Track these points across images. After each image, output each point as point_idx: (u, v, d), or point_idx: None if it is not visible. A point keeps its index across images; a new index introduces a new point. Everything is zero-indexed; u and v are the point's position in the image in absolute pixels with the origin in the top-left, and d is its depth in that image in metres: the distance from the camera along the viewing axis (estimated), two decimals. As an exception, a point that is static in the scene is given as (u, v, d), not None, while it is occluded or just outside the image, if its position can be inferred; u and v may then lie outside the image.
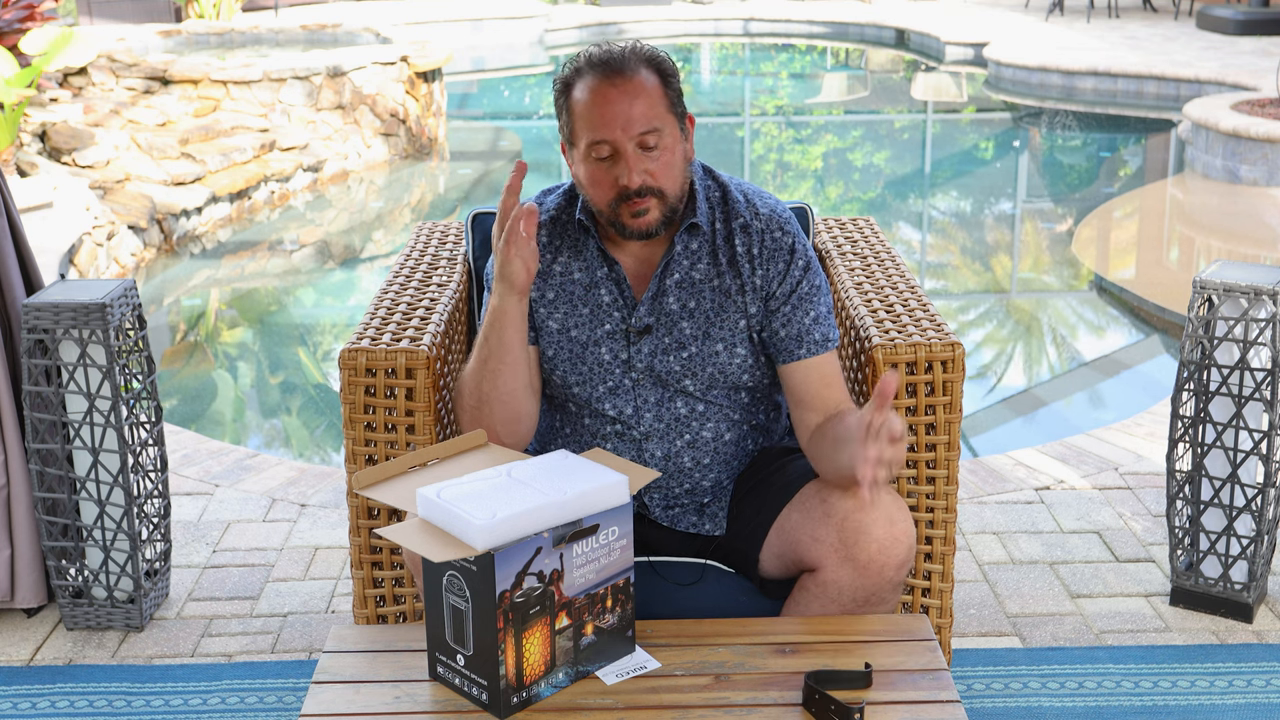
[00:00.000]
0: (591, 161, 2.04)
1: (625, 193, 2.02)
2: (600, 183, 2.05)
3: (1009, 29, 13.40)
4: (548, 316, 2.16)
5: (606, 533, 1.77)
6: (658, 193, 2.04)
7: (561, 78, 2.08)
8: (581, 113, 2.03)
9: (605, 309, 2.14)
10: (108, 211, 6.41)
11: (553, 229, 2.18)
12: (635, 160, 2.01)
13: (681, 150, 2.08)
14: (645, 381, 2.14)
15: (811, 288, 2.14)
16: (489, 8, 14.61)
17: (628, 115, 2.00)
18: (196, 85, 8.48)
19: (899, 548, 1.99)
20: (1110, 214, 7.87)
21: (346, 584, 3.13)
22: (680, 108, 2.08)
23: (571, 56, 2.09)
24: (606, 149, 2.02)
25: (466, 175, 9.12)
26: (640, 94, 2.02)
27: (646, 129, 2.01)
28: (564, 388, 2.18)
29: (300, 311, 6.41)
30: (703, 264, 2.13)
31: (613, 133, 2.01)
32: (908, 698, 1.77)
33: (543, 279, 2.17)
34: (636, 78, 2.02)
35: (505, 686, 1.72)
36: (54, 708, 2.63)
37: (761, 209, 2.16)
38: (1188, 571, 2.93)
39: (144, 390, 2.88)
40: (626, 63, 2.03)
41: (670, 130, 2.04)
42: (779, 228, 2.14)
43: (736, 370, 2.14)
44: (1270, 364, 2.72)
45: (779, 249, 2.13)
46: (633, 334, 2.13)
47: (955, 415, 2.30)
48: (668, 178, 2.04)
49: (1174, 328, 5.51)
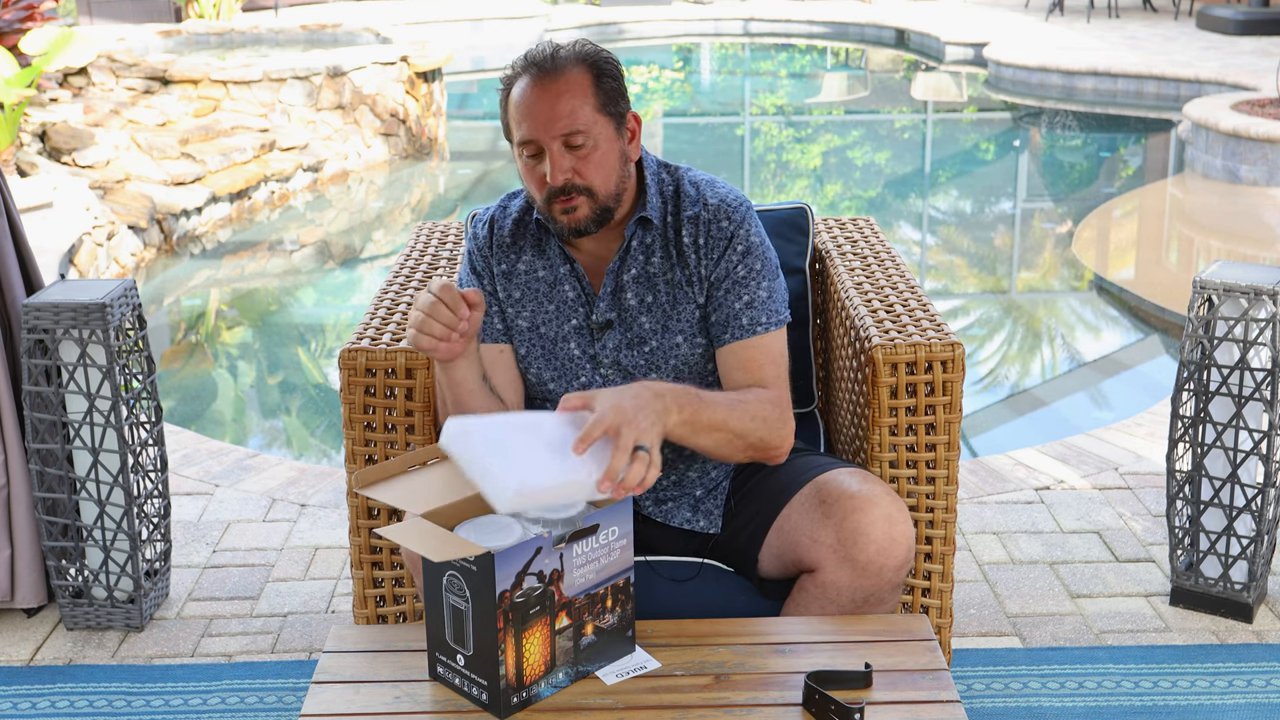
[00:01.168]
0: (523, 159, 2.08)
1: (552, 190, 2.05)
2: (531, 180, 2.09)
3: (1009, 29, 13.40)
4: (516, 315, 2.20)
5: (606, 532, 1.77)
6: (585, 190, 2.05)
7: (505, 76, 2.11)
8: (512, 112, 2.07)
9: (570, 305, 2.17)
10: (108, 211, 6.41)
11: (515, 230, 2.22)
12: (559, 159, 2.04)
13: (617, 149, 2.08)
14: (614, 377, 2.16)
15: (750, 271, 2.13)
16: (489, 8, 14.61)
17: (550, 115, 2.02)
18: (196, 85, 8.48)
19: (898, 548, 1.99)
20: (1110, 214, 7.87)
21: (346, 584, 3.13)
22: (616, 107, 2.09)
23: (516, 59, 2.11)
24: (533, 147, 2.05)
25: (466, 175, 9.12)
26: (566, 94, 2.03)
27: (570, 130, 2.03)
28: (539, 385, 2.20)
29: (300, 311, 6.41)
30: (656, 257, 2.15)
31: (536, 132, 2.04)
32: (908, 698, 1.77)
33: (508, 279, 2.20)
34: (564, 78, 2.04)
35: (505, 686, 1.72)
36: (54, 708, 2.63)
37: (710, 199, 2.16)
38: (1188, 571, 2.93)
39: (144, 390, 2.88)
40: (558, 62, 2.05)
41: (600, 129, 2.05)
42: (725, 216, 2.14)
43: (700, 360, 2.16)
44: (1270, 364, 2.72)
45: (722, 237, 2.14)
46: (595, 329, 2.16)
47: (955, 415, 2.30)
48: (596, 176, 2.06)
49: (1174, 328, 5.51)
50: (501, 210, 2.25)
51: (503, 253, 2.21)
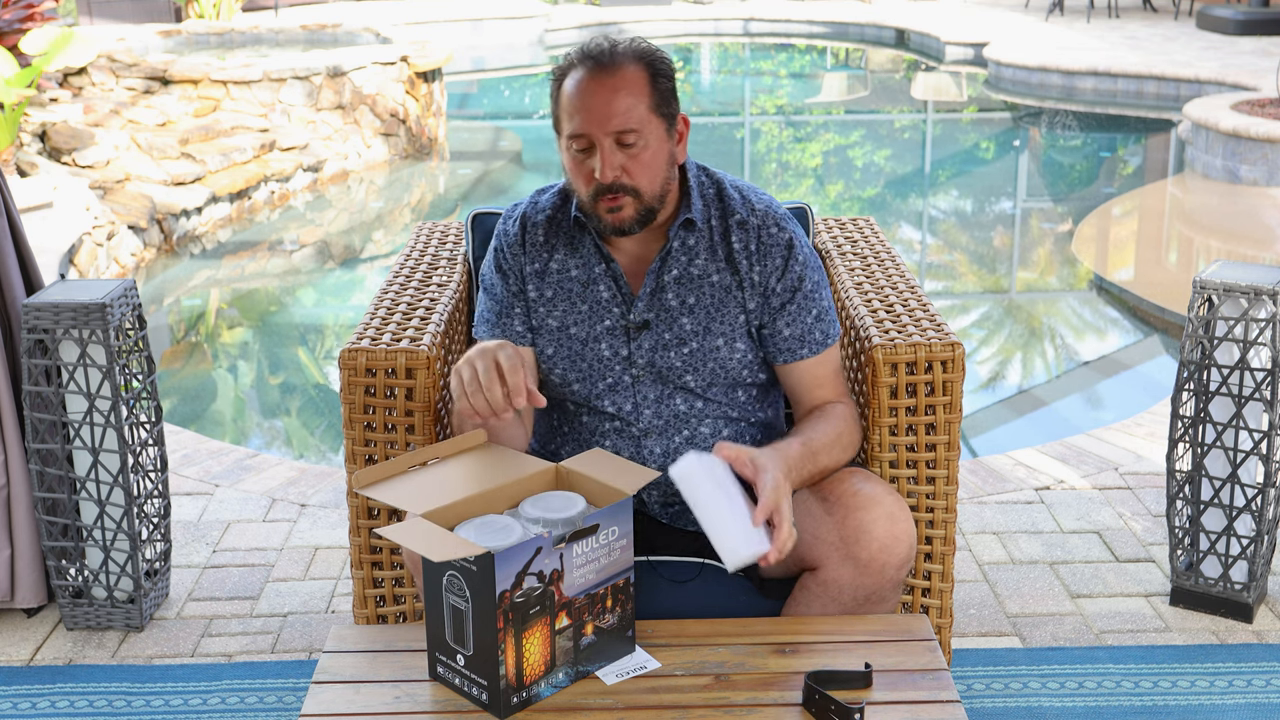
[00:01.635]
0: (571, 153, 2.06)
1: (599, 187, 2.03)
2: (578, 174, 2.07)
3: (1009, 29, 13.40)
4: (547, 315, 2.17)
5: (606, 533, 1.77)
6: (632, 190, 2.04)
7: (558, 67, 2.10)
8: (565, 104, 2.05)
9: (604, 305, 2.15)
10: (108, 211, 6.41)
11: (549, 227, 2.19)
12: (610, 155, 2.02)
13: (666, 151, 2.07)
14: (645, 378, 2.14)
15: (813, 284, 2.16)
16: (489, 8, 14.61)
17: (605, 111, 2.01)
18: (196, 85, 8.48)
19: (900, 546, 2.00)
20: (1110, 214, 7.87)
21: (346, 584, 3.13)
22: (669, 108, 2.07)
23: (571, 50, 2.10)
24: (584, 141, 2.03)
25: (466, 175, 9.12)
26: (623, 90, 2.01)
27: (624, 127, 2.01)
28: (563, 385, 2.18)
29: (300, 311, 6.41)
30: (700, 259, 2.14)
31: (589, 126, 2.02)
32: (908, 698, 1.77)
33: (540, 278, 2.17)
34: (621, 74, 2.02)
35: (505, 686, 1.71)
36: (54, 708, 2.63)
37: (757, 205, 2.17)
38: (1188, 571, 2.93)
39: (144, 390, 2.88)
40: (616, 58, 2.03)
41: (653, 130, 2.04)
42: (775, 223, 2.15)
43: (737, 366, 2.15)
44: (1270, 364, 2.71)
45: (776, 244, 2.14)
46: (632, 329, 2.14)
47: (955, 415, 2.30)
48: (644, 176, 2.04)
49: (1174, 328, 5.51)
50: (533, 206, 2.22)
51: (535, 251, 2.18)
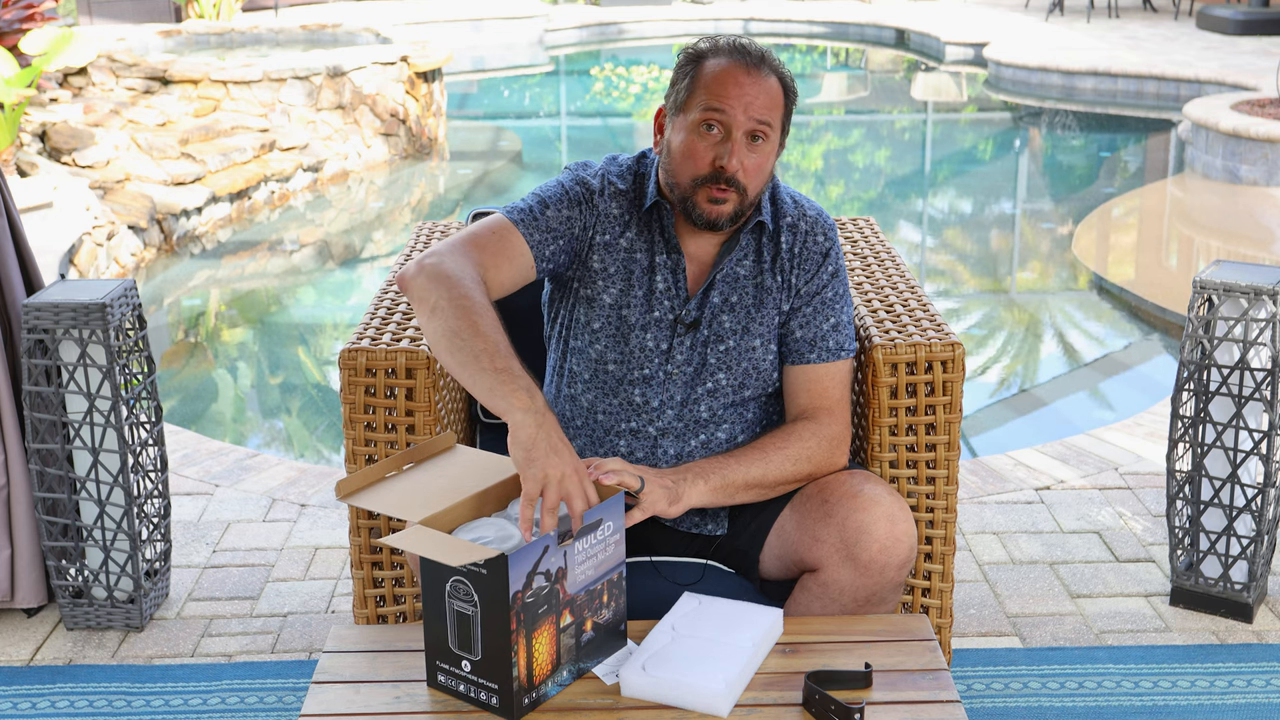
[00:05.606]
0: (697, 132, 2.06)
1: (718, 174, 2.04)
2: (696, 155, 2.06)
3: (1009, 29, 13.40)
4: (604, 289, 2.15)
5: (603, 528, 1.77)
6: (740, 188, 2.06)
7: (694, 49, 2.11)
8: (709, 81, 2.06)
9: (658, 296, 2.15)
10: (108, 211, 6.41)
11: (625, 204, 2.17)
12: (740, 145, 2.04)
13: (773, 164, 2.12)
14: (678, 377, 2.14)
15: (835, 294, 2.17)
16: (489, 8, 14.61)
17: (752, 99, 2.04)
18: (196, 85, 8.48)
19: (900, 547, 2.00)
20: (1110, 214, 7.87)
21: (346, 584, 3.13)
22: (787, 126, 2.12)
23: (707, 36, 2.13)
24: (720, 122, 2.04)
25: (466, 175, 9.12)
26: (768, 90, 2.06)
27: (763, 120, 2.05)
28: (600, 362, 2.16)
29: (300, 311, 6.41)
30: (748, 260, 2.16)
31: (733, 107, 2.03)
32: (908, 698, 1.77)
33: (607, 250, 2.15)
34: (770, 77, 2.07)
35: (518, 688, 1.71)
36: (54, 708, 2.63)
37: (809, 211, 2.20)
38: (1188, 571, 2.93)
39: (144, 390, 2.88)
40: (764, 62, 2.08)
41: (774, 139, 2.09)
42: (822, 231, 2.19)
43: (768, 369, 2.16)
44: (1270, 364, 2.72)
45: (816, 250, 2.17)
46: (680, 326, 2.14)
47: (955, 415, 2.30)
48: (754, 179, 2.08)
49: (1174, 328, 5.51)
50: (616, 175, 2.18)
51: (608, 222, 2.16)
